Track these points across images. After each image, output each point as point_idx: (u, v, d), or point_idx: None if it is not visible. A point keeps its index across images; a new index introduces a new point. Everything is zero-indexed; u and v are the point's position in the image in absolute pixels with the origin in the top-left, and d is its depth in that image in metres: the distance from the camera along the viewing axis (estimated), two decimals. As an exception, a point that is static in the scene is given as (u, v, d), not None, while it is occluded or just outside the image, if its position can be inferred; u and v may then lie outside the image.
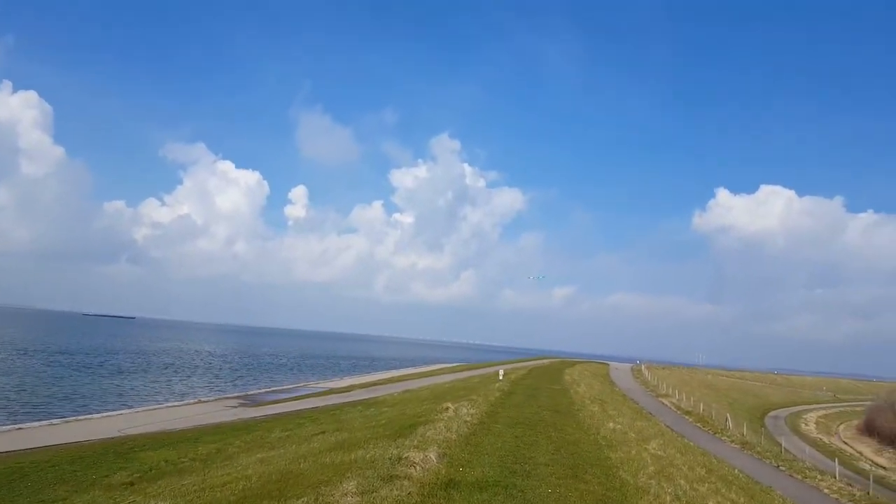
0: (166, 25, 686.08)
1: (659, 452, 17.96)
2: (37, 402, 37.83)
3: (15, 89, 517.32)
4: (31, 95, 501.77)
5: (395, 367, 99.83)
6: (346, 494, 9.30)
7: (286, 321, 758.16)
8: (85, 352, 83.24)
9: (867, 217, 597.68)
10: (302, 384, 60.01)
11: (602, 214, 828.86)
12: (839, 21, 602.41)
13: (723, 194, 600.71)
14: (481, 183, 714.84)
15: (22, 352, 74.69)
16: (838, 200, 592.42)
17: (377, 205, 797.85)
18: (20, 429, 26.64)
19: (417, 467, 11.77)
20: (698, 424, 37.61)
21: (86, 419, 31.02)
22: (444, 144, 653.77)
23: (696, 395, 56.50)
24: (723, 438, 33.46)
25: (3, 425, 28.35)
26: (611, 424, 22.35)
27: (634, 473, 13.70)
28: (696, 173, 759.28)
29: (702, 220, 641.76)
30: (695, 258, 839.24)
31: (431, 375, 65.69)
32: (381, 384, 53.70)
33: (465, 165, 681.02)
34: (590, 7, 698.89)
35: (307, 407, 35.27)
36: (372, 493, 9.57)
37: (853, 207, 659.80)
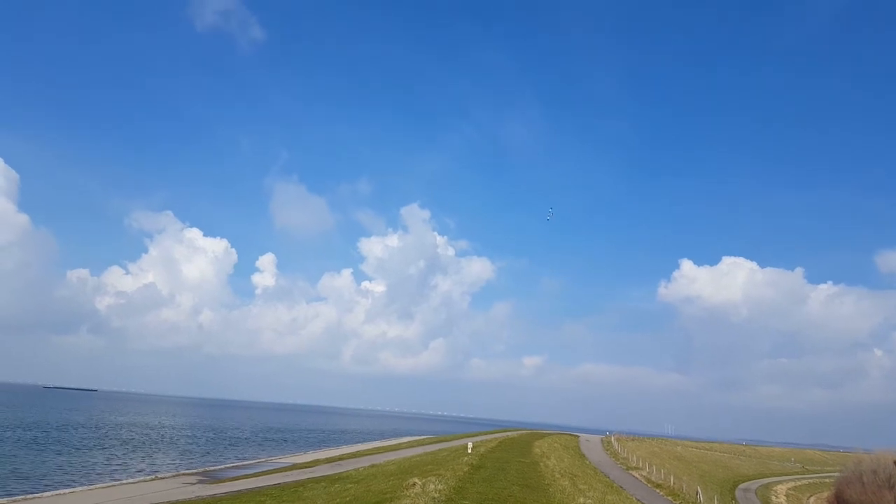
0: (139, 94, 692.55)
1: (626, 527, 17.97)
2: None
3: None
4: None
5: (362, 441, 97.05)
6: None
7: (250, 393, 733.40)
8: (42, 426, 79.30)
9: (827, 288, 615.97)
10: (264, 459, 57.92)
11: (569, 283, 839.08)
12: (797, 98, 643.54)
13: (687, 265, 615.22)
14: (451, 252, 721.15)
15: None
16: (799, 272, 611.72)
17: (346, 273, 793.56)
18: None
19: (384, 544, 11.69)
20: (669, 497, 37.41)
21: (35, 498, 29.45)
22: (415, 214, 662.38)
23: (667, 467, 56.18)
24: (692, 512, 33.32)
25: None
26: (581, 500, 22.28)
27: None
28: (660, 244, 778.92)
29: (667, 291, 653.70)
30: (661, 328, 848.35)
31: (399, 449, 64.12)
32: (346, 458, 52.18)
33: (436, 234, 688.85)
34: (551, 81, 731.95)
35: (269, 483, 34.09)
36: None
37: (813, 279, 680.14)
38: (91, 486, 35.23)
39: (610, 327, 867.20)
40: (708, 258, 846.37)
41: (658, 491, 40.37)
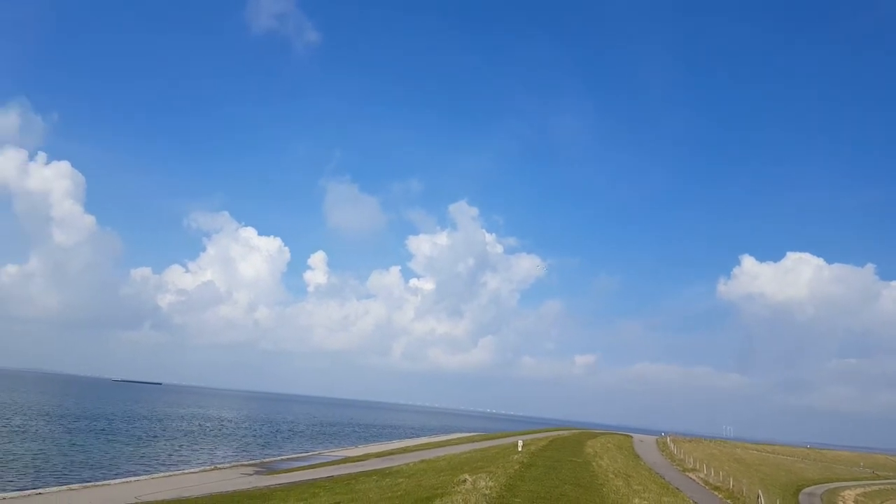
0: (196, 98, 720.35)
1: (684, 530, 17.41)
2: (57, 466, 37.84)
3: (49, 160, 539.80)
4: (65, 166, 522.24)
5: (412, 436, 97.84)
6: (363, 566, 9.29)
7: (304, 388, 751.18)
8: (109, 418, 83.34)
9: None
10: (317, 452, 59.10)
11: (624, 281, 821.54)
12: (868, 82, 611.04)
13: (748, 261, 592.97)
14: (500, 249, 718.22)
15: (47, 417, 75.07)
16: (870, 268, 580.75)
17: (395, 270, 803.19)
18: (40, 493, 26.64)
19: (435, 540, 11.66)
20: (729, 501, 36.15)
21: (104, 485, 30.89)
22: (463, 211, 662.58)
23: (726, 469, 54.30)
24: (753, 517, 32.09)
25: (24, 490, 28.39)
26: (636, 500, 21.74)
27: (657, 551, 13.34)
28: (719, 240, 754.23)
29: (727, 288, 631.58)
30: (721, 327, 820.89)
31: (448, 445, 64.30)
32: (397, 453, 52.66)
33: (485, 232, 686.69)
34: (601, 71, 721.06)
35: (322, 476, 34.71)
36: (390, 565, 9.54)
37: (885, 275, 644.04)
38: (154, 475, 36.71)
39: (666, 326, 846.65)
40: (771, 254, 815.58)
41: (716, 494, 39.08)
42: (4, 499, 25.04)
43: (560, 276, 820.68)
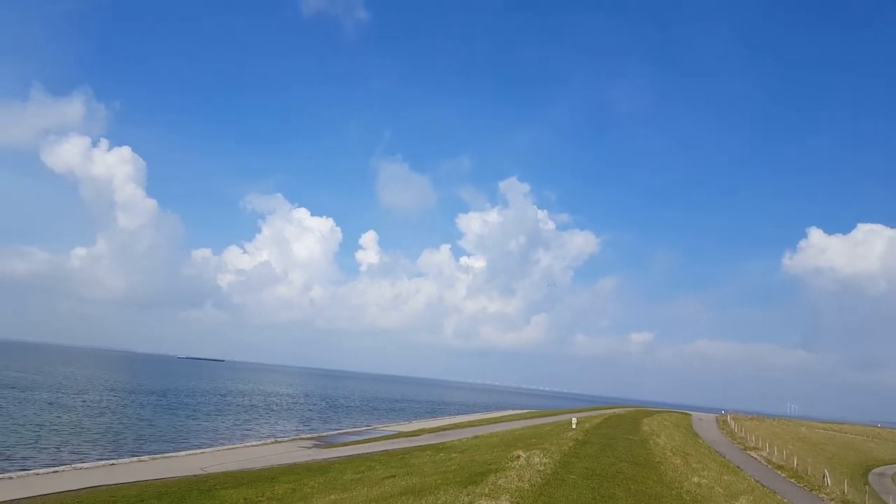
0: (249, 81, 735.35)
1: (748, 510, 16.78)
2: (129, 439, 39.87)
3: (111, 146, 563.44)
4: (126, 151, 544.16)
5: (464, 413, 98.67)
6: (419, 540, 9.25)
7: (358, 365, 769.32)
8: (175, 393, 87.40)
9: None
10: (372, 427, 60.31)
11: (683, 257, 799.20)
12: None
13: (816, 234, 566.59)
14: (552, 226, 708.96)
15: (118, 393, 79.30)
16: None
17: (445, 249, 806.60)
18: (112, 464, 28.09)
19: (490, 515, 11.56)
20: (792, 480, 34.86)
21: (172, 456, 32.35)
22: (514, 188, 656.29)
23: (789, 448, 52.42)
24: (821, 496, 30.79)
25: (98, 460, 30.01)
26: (695, 478, 21.14)
27: (721, 531, 12.86)
28: (785, 212, 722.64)
29: (793, 262, 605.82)
30: (786, 302, 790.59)
31: (501, 422, 64.45)
32: (449, 429, 53.14)
33: (536, 208, 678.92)
34: (658, 39, 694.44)
35: (377, 450, 35.35)
36: (445, 540, 9.47)
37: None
38: (218, 448, 38.22)
39: (727, 302, 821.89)
40: (840, 226, 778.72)
41: (779, 473, 37.76)
42: (82, 468, 26.52)
43: (616, 252, 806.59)
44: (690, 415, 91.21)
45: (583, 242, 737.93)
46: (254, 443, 42.00)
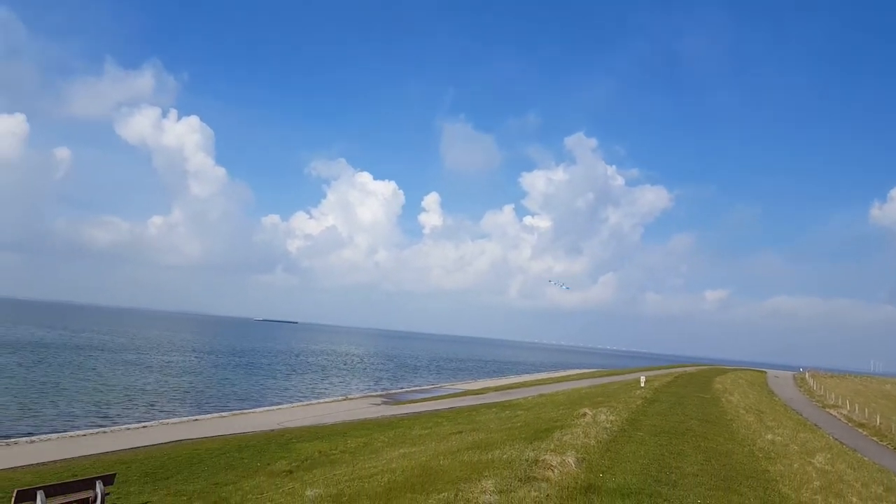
0: (310, 46, 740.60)
1: (826, 467, 16.15)
2: (212, 398, 42.41)
3: (180, 116, 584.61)
4: (194, 120, 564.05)
5: (530, 372, 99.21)
6: (484, 492, 9.43)
7: (423, 326, 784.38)
8: (252, 353, 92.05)
9: None
10: (438, 385, 61.64)
11: (762, 211, 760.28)
12: None
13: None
14: (621, 182, 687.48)
15: (200, 354, 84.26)
16: None
17: (508, 209, 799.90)
18: (196, 420, 30.02)
19: (555, 470, 11.62)
20: (874, 438, 33.34)
21: (250, 413, 34.27)
22: (581, 143, 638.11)
23: (872, 406, 49.94)
24: (907, 456, 29.35)
25: (183, 416, 32.14)
26: (769, 436, 20.50)
27: (796, 488, 12.46)
28: (873, 159, 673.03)
29: (881, 213, 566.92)
30: (872, 255, 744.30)
31: (567, 380, 64.44)
32: (515, 387, 53.63)
33: (603, 164, 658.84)
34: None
35: (444, 407, 36.15)
36: (510, 492, 9.61)
37: None
38: (293, 405, 40.13)
39: (807, 257, 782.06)
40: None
41: (860, 431, 36.19)
42: (168, 423, 28.50)
43: (690, 207, 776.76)
44: (766, 372, 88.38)
45: (654, 198, 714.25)
46: (327, 400, 43.82)
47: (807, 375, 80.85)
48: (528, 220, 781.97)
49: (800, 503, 11.20)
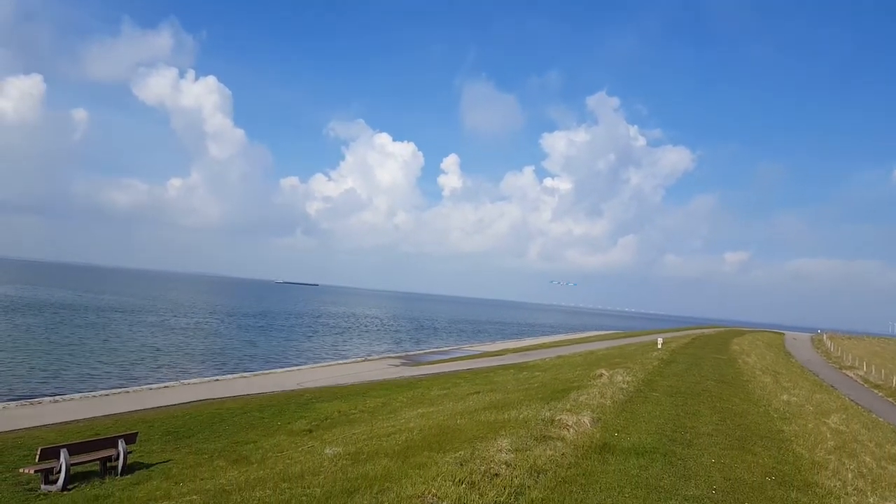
0: (331, 9, 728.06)
1: (840, 427, 16.21)
2: (231, 358, 43.39)
3: (197, 77, 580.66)
4: (212, 81, 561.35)
5: (548, 334, 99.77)
6: (500, 451, 9.64)
7: (443, 288, 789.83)
8: (273, 315, 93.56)
9: None
10: (456, 347, 62.33)
11: (784, 171, 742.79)
12: None
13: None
14: (643, 142, 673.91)
15: (221, 315, 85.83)
16: None
17: (528, 171, 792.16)
18: (217, 380, 30.79)
19: (571, 430, 11.82)
20: (890, 399, 33.25)
21: (271, 373, 35.05)
22: (603, 102, 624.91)
23: (889, 367, 49.66)
24: (925, 418, 29.27)
25: (204, 376, 32.99)
26: (784, 396, 20.57)
27: (810, 448, 12.55)
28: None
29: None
30: (894, 216, 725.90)
31: (584, 342, 64.79)
32: (532, 349, 54.08)
33: (625, 124, 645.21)
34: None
35: (462, 368, 36.65)
36: (526, 451, 9.81)
37: None
38: (315, 365, 40.94)
39: (831, 217, 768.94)
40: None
41: (877, 392, 36.10)
42: (190, 383, 29.29)
43: (712, 168, 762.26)
44: (784, 334, 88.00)
45: (677, 159, 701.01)
46: (346, 361, 44.62)
47: (824, 337, 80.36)
48: (548, 181, 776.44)
49: (813, 462, 11.29)
